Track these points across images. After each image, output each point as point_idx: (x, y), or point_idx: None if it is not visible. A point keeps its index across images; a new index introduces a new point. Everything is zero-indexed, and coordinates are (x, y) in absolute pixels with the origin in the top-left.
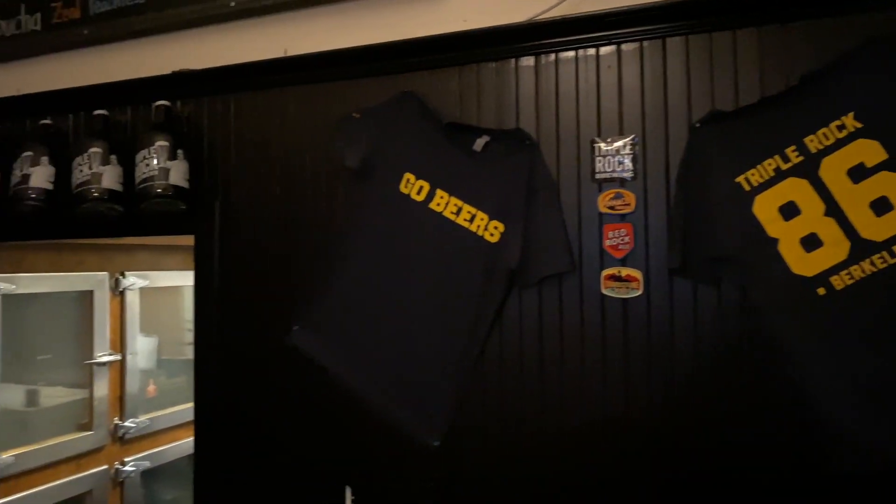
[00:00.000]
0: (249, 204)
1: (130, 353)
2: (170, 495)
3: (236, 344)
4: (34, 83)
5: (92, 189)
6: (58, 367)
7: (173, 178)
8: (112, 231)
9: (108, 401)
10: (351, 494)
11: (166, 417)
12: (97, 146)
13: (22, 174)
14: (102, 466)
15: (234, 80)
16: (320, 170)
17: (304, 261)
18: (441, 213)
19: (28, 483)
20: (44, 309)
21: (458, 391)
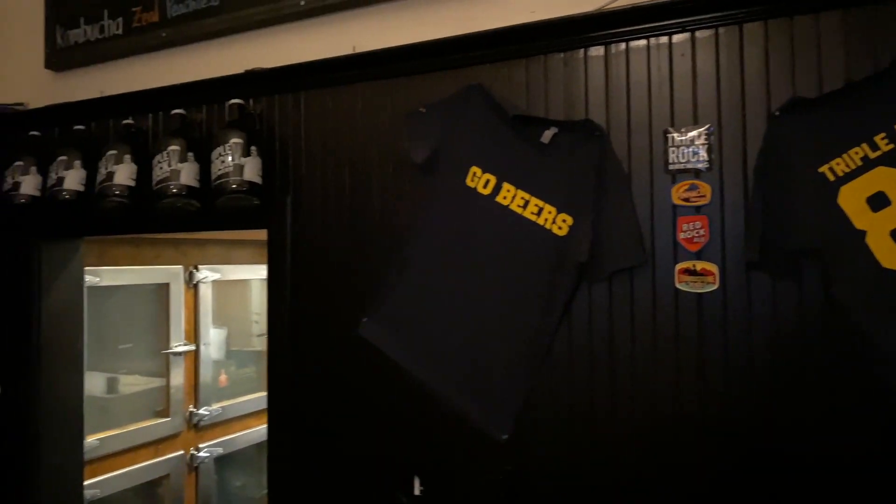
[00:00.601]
0: (319, 198)
1: (204, 344)
2: (239, 482)
3: (308, 334)
4: (116, 85)
5: (171, 185)
6: (137, 357)
7: (247, 174)
8: (190, 225)
9: (183, 389)
10: (420, 484)
11: (237, 406)
12: (175, 144)
13: (107, 172)
14: (179, 452)
15: (304, 77)
16: (387, 164)
17: (372, 254)
18: (508, 206)
19: (111, 465)
20: (124, 300)
21: (526, 386)
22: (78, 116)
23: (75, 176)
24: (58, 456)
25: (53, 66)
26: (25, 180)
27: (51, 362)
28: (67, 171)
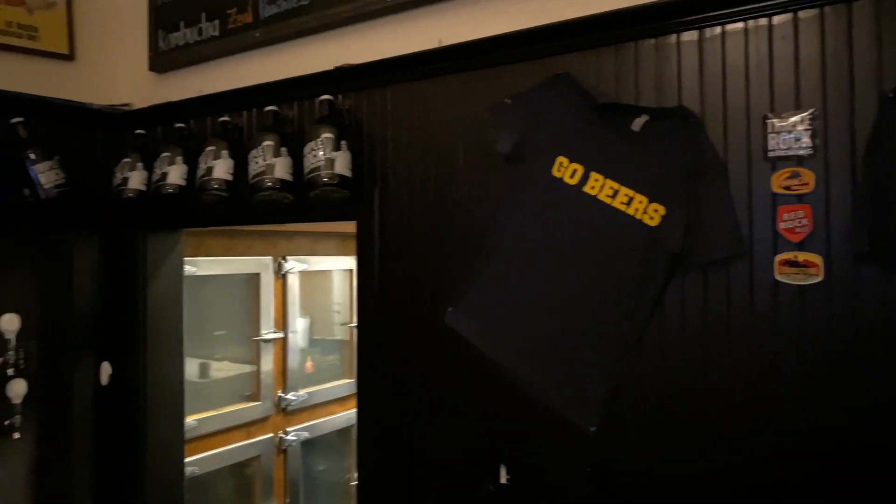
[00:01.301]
0: (405, 190)
1: (291, 332)
2: (322, 466)
3: (395, 323)
4: (214, 84)
5: (266, 179)
6: (230, 343)
7: (338, 167)
8: (283, 218)
9: (272, 375)
10: (506, 473)
11: (322, 392)
12: (269, 139)
13: (206, 167)
14: (268, 435)
15: (391, 72)
16: (473, 156)
17: (456, 244)
18: (596, 196)
19: (208, 445)
20: (218, 289)
21: (616, 378)
22: (179, 115)
23: (177, 171)
24: (162, 432)
25: (156, 68)
26: (133, 176)
27: (155, 345)
28: (170, 166)
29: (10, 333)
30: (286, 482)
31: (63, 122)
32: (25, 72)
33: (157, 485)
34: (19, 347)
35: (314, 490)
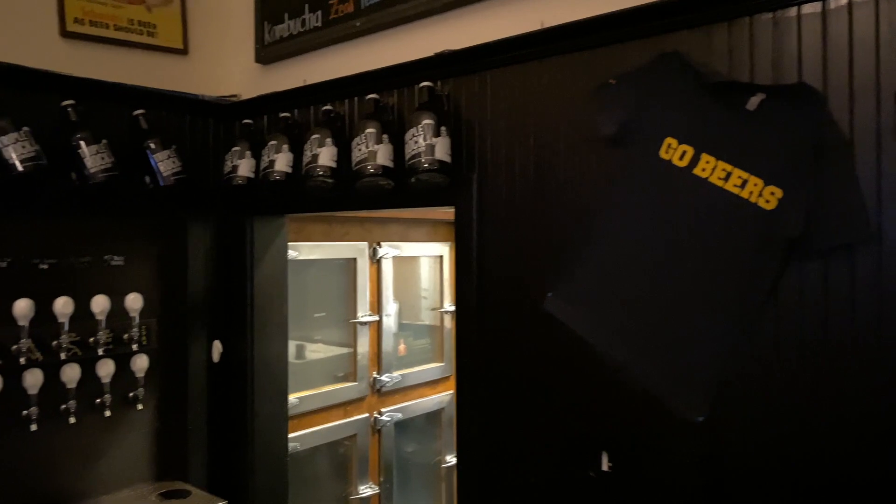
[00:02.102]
0: (504, 175)
1: (385, 315)
2: (413, 447)
3: (494, 308)
4: (316, 74)
5: (368, 166)
6: (328, 325)
7: (438, 153)
8: (384, 203)
9: (368, 356)
10: (608, 460)
11: (414, 375)
12: (371, 127)
13: (311, 154)
14: (364, 414)
15: (491, 56)
16: (574, 139)
17: (558, 229)
18: (707, 178)
19: (308, 422)
20: (317, 273)
21: (725, 368)
22: (284, 105)
23: (284, 159)
24: (267, 408)
25: (262, 60)
26: (241, 164)
27: (261, 326)
28: (277, 154)
29: (133, 312)
30: (380, 462)
31: (178, 113)
32: (145, 66)
33: (263, 457)
34: (142, 325)
35: (406, 471)
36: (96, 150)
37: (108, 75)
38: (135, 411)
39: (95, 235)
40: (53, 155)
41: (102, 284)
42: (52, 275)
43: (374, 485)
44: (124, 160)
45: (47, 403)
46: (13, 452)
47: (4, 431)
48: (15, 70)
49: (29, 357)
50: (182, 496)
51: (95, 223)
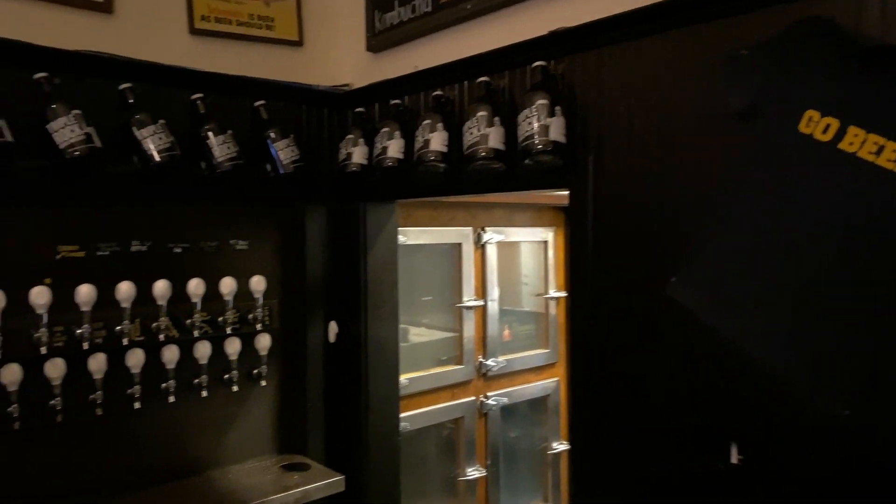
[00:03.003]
0: (623, 156)
1: (490, 300)
2: (519, 432)
3: (611, 294)
4: (427, 60)
5: (480, 149)
6: (434, 309)
7: (552, 134)
8: (496, 187)
9: (473, 340)
10: (737, 453)
11: (519, 360)
12: (483, 110)
13: (423, 139)
14: (471, 398)
15: (609, 32)
16: (700, 116)
17: (681, 211)
18: (854, 153)
19: (417, 403)
20: (424, 258)
21: (875, 359)
22: (394, 92)
23: (396, 145)
24: (380, 388)
25: (373, 48)
26: (355, 151)
27: (374, 308)
28: (389, 141)
29: (257, 293)
30: (487, 445)
31: (295, 103)
32: (264, 59)
33: (377, 435)
34: (265, 306)
35: (512, 455)
36: (223, 140)
37: (231, 69)
38: (259, 387)
39: (222, 221)
40: (183, 145)
41: (229, 267)
42: (185, 258)
43: (481, 467)
44: (247, 149)
45: (182, 378)
46: (154, 423)
47: (146, 402)
48: (151, 67)
49: (167, 334)
50: (302, 469)
51: (222, 210)
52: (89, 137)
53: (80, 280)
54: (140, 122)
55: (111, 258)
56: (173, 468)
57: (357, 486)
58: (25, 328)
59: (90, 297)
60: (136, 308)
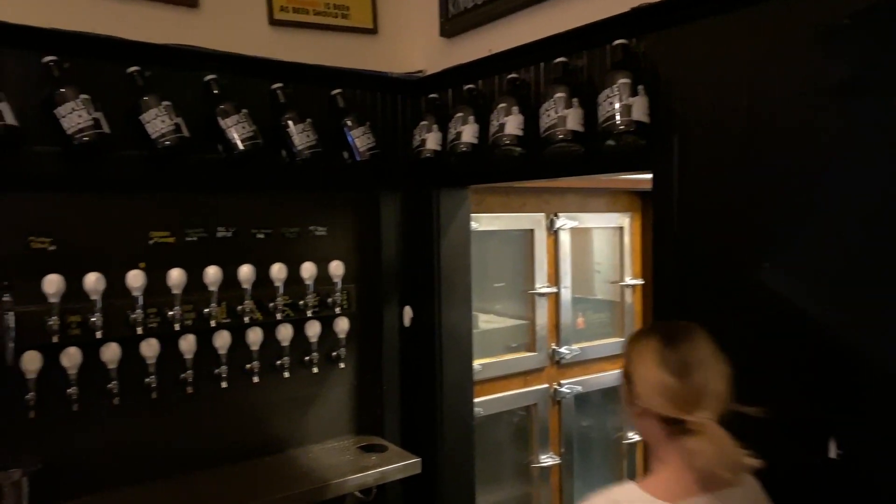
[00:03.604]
0: (711, 136)
1: (563, 287)
2: (594, 421)
3: (697, 280)
4: (501, 42)
5: (558, 132)
6: (506, 295)
7: (635, 114)
8: (575, 170)
9: (546, 328)
10: (837, 448)
11: (593, 349)
12: (560, 91)
13: (498, 123)
14: (543, 385)
15: (692, 8)
16: (794, 92)
17: (776, 192)
18: None
19: (490, 389)
20: (496, 244)
21: None
22: (468, 76)
23: (470, 130)
24: (454, 372)
25: (446, 33)
26: (429, 137)
27: (448, 294)
28: (463, 126)
29: (336, 278)
30: (560, 433)
31: (370, 90)
32: (339, 47)
33: (451, 419)
34: (343, 290)
35: (586, 444)
36: (302, 128)
37: (309, 58)
38: (337, 369)
39: (302, 208)
40: (265, 134)
41: (309, 252)
42: (267, 243)
43: (554, 455)
44: (325, 137)
45: (265, 359)
46: (239, 402)
47: (232, 382)
48: (234, 59)
49: (251, 317)
50: (380, 450)
51: (301, 196)
52: (178, 128)
53: (170, 264)
54: (224, 112)
55: (199, 244)
56: (257, 445)
57: (432, 469)
58: (122, 310)
59: (181, 280)
60: (223, 292)
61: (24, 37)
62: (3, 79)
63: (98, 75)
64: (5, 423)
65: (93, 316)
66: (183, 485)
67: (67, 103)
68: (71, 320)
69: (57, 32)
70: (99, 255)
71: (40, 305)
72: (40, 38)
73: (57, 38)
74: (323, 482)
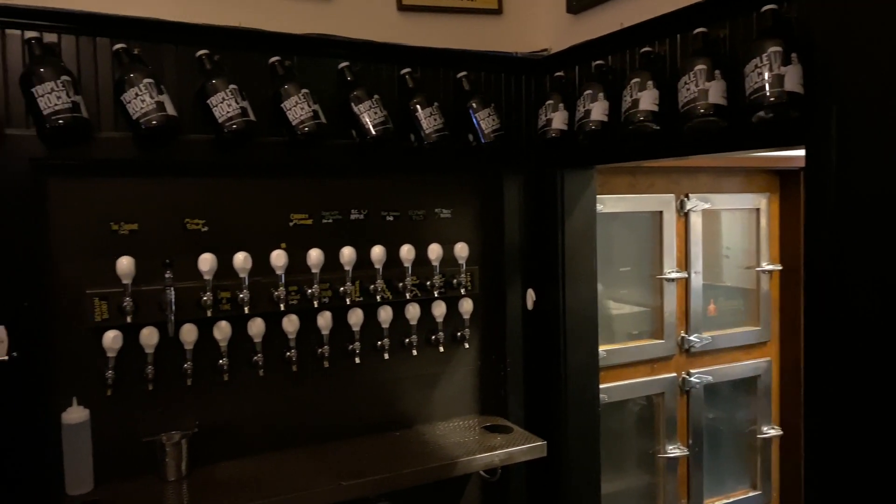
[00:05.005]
0: (873, 108)
1: (694, 272)
2: (725, 413)
3: (856, 266)
4: (633, 15)
5: (699, 106)
6: (631, 280)
7: (788, 84)
8: (716, 146)
9: (675, 314)
10: None
11: (725, 338)
12: (702, 63)
13: (631, 99)
14: (671, 374)
15: None
16: None
17: None
18: None
19: (615, 376)
20: (621, 227)
21: None
22: (596, 52)
23: (599, 107)
24: (579, 357)
25: (573, 9)
26: (555, 117)
27: (572, 277)
28: (593, 103)
29: (461, 259)
30: (689, 424)
31: (494, 71)
32: (464, 30)
33: (576, 404)
34: (467, 271)
35: (717, 437)
36: (430, 112)
37: (435, 42)
38: (462, 349)
39: (427, 191)
40: (394, 118)
41: (435, 234)
42: (396, 226)
43: (682, 446)
44: (450, 120)
45: (395, 337)
46: (371, 378)
47: (364, 358)
48: (366, 45)
49: (382, 296)
50: (504, 431)
51: (427, 179)
52: (316, 114)
53: (308, 245)
54: (357, 98)
55: (333, 225)
56: (386, 420)
57: (557, 454)
58: (267, 287)
59: (319, 260)
60: (356, 271)
61: (180, 33)
62: (163, 72)
63: (243, 66)
64: (167, 390)
65: (241, 292)
66: (320, 454)
67: (218, 93)
68: (222, 296)
69: (208, 28)
70: (245, 235)
71: (196, 282)
72: (194, 34)
73: (208, 33)
74: (451, 459)
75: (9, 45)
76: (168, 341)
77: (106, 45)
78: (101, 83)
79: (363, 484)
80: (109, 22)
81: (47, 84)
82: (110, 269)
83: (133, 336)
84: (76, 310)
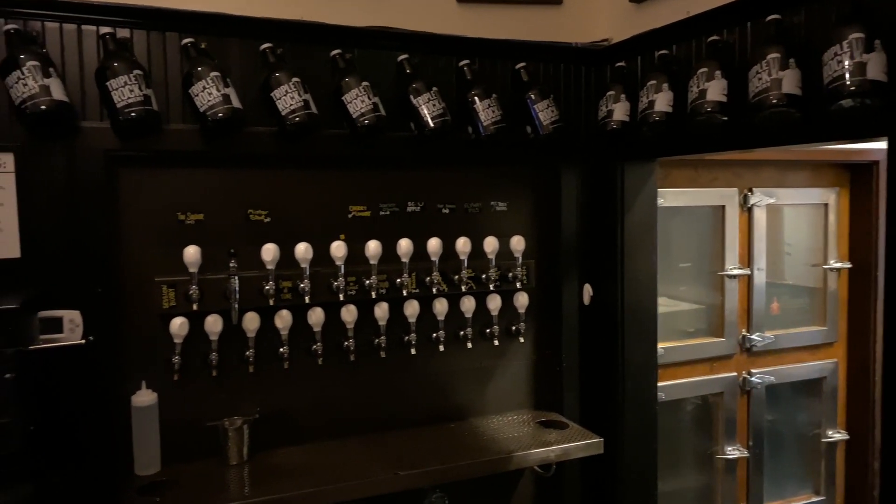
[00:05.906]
0: None
1: (757, 269)
2: (787, 415)
3: None
4: (699, 4)
5: (771, 96)
6: (691, 276)
7: (870, 72)
8: (789, 138)
9: (736, 312)
10: None
11: (788, 337)
12: (774, 51)
13: (699, 90)
14: (732, 373)
15: None
16: None
17: None
18: None
19: (673, 374)
20: (682, 221)
21: None
22: (660, 42)
23: (664, 98)
24: (637, 354)
25: None
26: (617, 108)
27: (631, 272)
28: (657, 94)
29: (517, 253)
30: (749, 425)
31: (553, 62)
32: (523, 21)
33: (634, 402)
34: (523, 265)
35: (779, 439)
36: (488, 104)
37: (493, 33)
38: (517, 343)
39: (483, 183)
40: (451, 110)
41: (490, 227)
42: (452, 218)
43: (741, 448)
44: (508, 112)
45: (450, 329)
46: (426, 369)
47: (420, 350)
48: (426, 38)
49: (438, 288)
50: (560, 427)
51: (483, 172)
52: (376, 107)
53: (366, 236)
54: (416, 91)
55: (391, 217)
56: (441, 411)
57: (613, 451)
58: (326, 277)
59: (377, 252)
60: (412, 263)
61: (245, 27)
62: (229, 66)
63: (305, 59)
64: (230, 376)
65: (302, 282)
66: (375, 443)
67: (282, 86)
68: (283, 285)
69: (271, 21)
70: (305, 226)
71: (259, 271)
72: (258, 27)
73: (271, 27)
74: (507, 453)
75: (84, 41)
76: (231, 329)
77: (175, 39)
78: (170, 77)
79: (419, 475)
80: (178, 17)
81: (121, 78)
82: (177, 258)
83: (198, 323)
84: (145, 296)
